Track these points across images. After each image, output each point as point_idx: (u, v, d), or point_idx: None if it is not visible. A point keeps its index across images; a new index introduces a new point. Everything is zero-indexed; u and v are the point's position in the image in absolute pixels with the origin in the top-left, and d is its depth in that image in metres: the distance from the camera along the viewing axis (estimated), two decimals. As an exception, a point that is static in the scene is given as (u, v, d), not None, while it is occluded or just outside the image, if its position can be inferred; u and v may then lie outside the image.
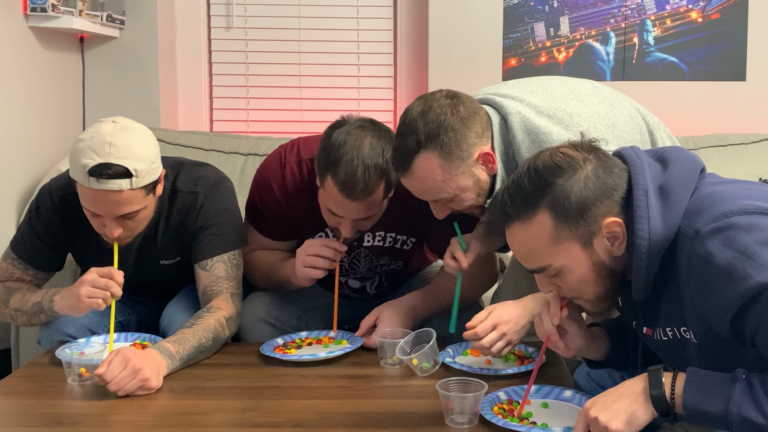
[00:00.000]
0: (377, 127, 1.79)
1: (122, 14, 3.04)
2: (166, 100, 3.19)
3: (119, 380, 1.55)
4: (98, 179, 1.66)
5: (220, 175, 2.00)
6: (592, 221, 1.27)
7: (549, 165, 1.29)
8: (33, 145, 2.71)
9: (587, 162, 1.28)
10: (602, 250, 1.29)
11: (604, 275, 1.31)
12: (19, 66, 2.61)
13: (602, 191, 1.27)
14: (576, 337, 1.47)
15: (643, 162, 1.30)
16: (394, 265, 2.09)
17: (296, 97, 3.35)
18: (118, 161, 1.66)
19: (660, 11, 3.18)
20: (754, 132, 3.04)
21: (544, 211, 1.27)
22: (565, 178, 1.27)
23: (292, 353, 1.81)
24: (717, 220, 1.17)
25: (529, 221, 1.29)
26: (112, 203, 1.70)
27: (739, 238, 1.15)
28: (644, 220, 1.24)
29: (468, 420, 1.40)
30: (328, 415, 1.48)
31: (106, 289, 1.71)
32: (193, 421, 1.46)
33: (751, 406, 1.13)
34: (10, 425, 1.48)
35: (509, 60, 3.18)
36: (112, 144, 1.66)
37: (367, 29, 3.33)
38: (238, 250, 1.95)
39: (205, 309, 1.82)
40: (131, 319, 2.07)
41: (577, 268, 1.30)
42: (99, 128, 1.70)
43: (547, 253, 1.30)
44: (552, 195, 1.27)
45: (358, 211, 1.79)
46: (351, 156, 1.71)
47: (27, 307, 1.86)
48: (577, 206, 1.26)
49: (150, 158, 1.72)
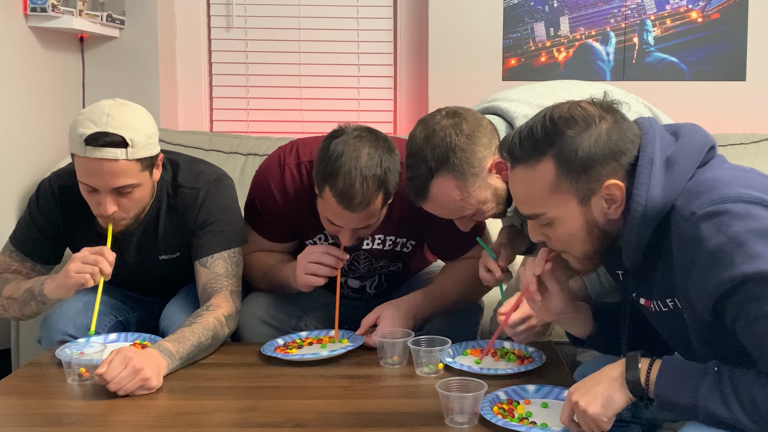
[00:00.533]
0: (375, 136, 1.78)
1: (122, 14, 3.04)
2: (166, 100, 3.19)
3: (120, 380, 1.55)
4: (94, 147, 1.68)
5: (221, 172, 2.00)
6: (594, 179, 1.27)
7: (565, 116, 1.29)
8: (33, 145, 2.71)
9: (603, 120, 1.28)
10: (598, 210, 1.30)
11: (595, 234, 1.31)
12: (19, 66, 2.62)
13: (611, 152, 1.27)
14: (556, 297, 1.46)
15: (656, 132, 1.30)
16: (394, 267, 2.09)
17: (296, 97, 3.35)
18: (115, 130, 1.69)
19: (660, 11, 3.18)
20: (754, 132, 3.04)
21: (549, 159, 1.28)
22: (576, 131, 1.27)
23: (294, 353, 1.81)
24: (713, 204, 1.18)
25: (533, 166, 1.30)
26: (107, 173, 1.71)
27: (732, 224, 1.15)
28: (644, 187, 1.24)
29: (468, 420, 1.40)
30: (328, 415, 1.48)
31: (96, 264, 1.71)
32: (192, 421, 1.46)
33: (718, 400, 1.15)
34: (10, 425, 1.48)
35: (509, 60, 3.18)
36: (110, 115, 1.70)
37: (367, 29, 3.33)
38: (239, 247, 1.95)
39: (204, 307, 1.83)
40: (131, 318, 2.07)
41: (570, 222, 1.31)
42: (99, 103, 1.76)
43: (543, 201, 1.31)
44: (560, 145, 1.27)
45: (358, 221, 1.79)
46: (349, 167, 1.71)
47: (18, 294, 1.85)
48: (582, 161, 1.26)
49: (147, 132, 1.75)
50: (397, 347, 1.74)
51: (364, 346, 1.82)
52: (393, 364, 1.74)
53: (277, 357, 1.77)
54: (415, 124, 1.72)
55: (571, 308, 1.50)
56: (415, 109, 3.32)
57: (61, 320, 1.89)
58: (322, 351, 1.81)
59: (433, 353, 1.68)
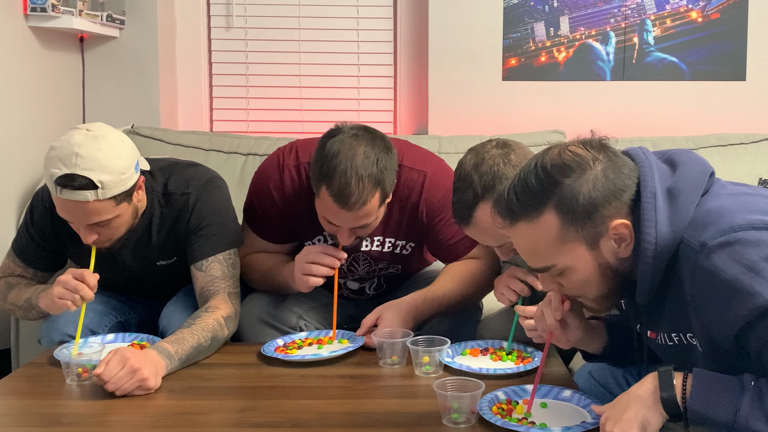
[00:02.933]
0: (372, 135, 1.78)
1: (122, 14, 3.04)
2: (166, 100, 3.19)
3: (117, 380, 1.55)
4: (62, 189, 1.67)
5: (212, 174, 1.99)
6: (600, 222, 1.25)
7: (557, 164, 1.26)
8: (33, 146, 2.71)
9: (597, 162, 1.25)
10: (608, 252, 1.27)
11: (609, 276, 1.29)
12: (19, 66, 2.61)
13: (611, 192, 1.25)
14: (576, 329, 1.47)
15: (652, 163, 1.28)
16: (393, 269, 2.09)
17: (296, 97, 3.35)
18: (83, 172, 1.66)
19: (660, 11, 3.18)
20: (754, 132, 3.03)
21: (551, 211, 1.25)
22: (573, 178, 1.24)
23: (294, 353, 1.81)
24: (724, 234, 1.16)
25: (536, 221, 1.27)
26: (80, 213, 1.72)
27: (746, 253, 1.14)
28: (651, 224, 1.22)
29: (465, 420, 1.40)
30: (328, 415, 1.48)
31: (76, 292, 1.72)
32: (192, 421, 1.46)
33: (760, 418, 1.12)
34: (10, 425, 1.48)
35: (509, 60, 3.18)
36: (79, 155, 1.67)
37: (367, 29, 3.33)
38: (234, 249, 1.95)
39: (203, 309, 1.83)
40: (131, 319, 2.07)
41: (582, 269, 1.28)
42: (70, 137, 1.70)
43: (552, 253, 1.28)
44: (559, 195, 1.24)
45: (355, 221, 1.79)
46: (344, 167, 1.71)
47: (20, 302, 1.90)
48: (584, 207, 1.24)
49: (118, 170, 1.71)
50: (396, 347, 1.74)
51: (364, 347, 1.82)
52: (392, 364, 1.74)
53: (277, 357, 1.77)
54: (467, 151, 1.74)
55: (588, 332, 1.51)
56: (415, 109, 3.32)
57: (61, 320, 1.90)
58: (322, 352, 1.81)
59: (431, 353, 1.68)
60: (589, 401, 1.47)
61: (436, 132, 3.12)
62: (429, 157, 2.02)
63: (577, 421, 1.40)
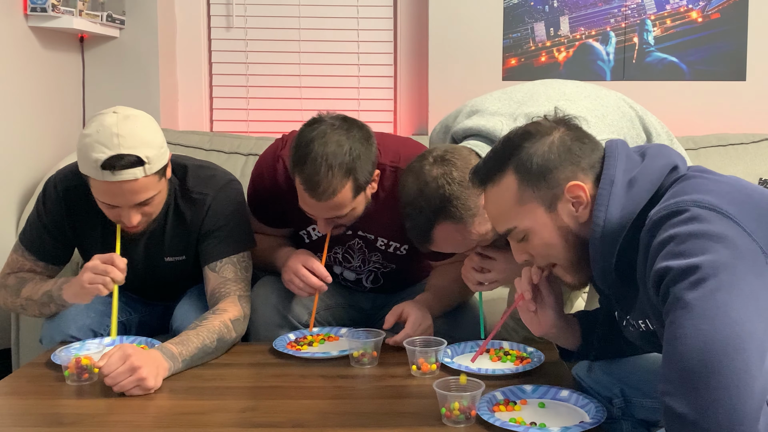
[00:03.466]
0: (349, 124, 1.78)
1: (122, 14, 3.04)
2: (166, 100, 3.19)
3: (116, 375, 1.56)
4: (113, 171, 1.67)
5: (230, 177, 2.00)
6: (555, 184, 1.31)
7: (519, 132, 1.37)
8: (33, 145, 2.71)
9: (555, 130, 1.34)
10: (566, 215, 1.32)
11: (572, 241, 1.33)
12: (19, 66, 2.62)
13: (567, 157, 1.32)
14: (550, 309, 1.48)
15: (620, 154, 1.32)
16: (388, 267, 2.09)
17: (296, 97, 3.35)
18: (129, 150, 1.67)
19: (660, 11, 3.18)
20: (754, 132, 3.04)
21: (510, 172, 1.34)
22: (531, 142, 1.33)
23: (304, 350, 1.82)
24: (668, 208, 1.19)
25: (498, 183, 1.36)
26: (129, 192, 1.71)
27: (680, 224, 1.15)
28: (603, 208, 1.27)
29: (465, 420, 1.40)
30: (328, 415, 1.48)
31: (106, 275, 1.72)
32: (193, 421, 1.46)
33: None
34: (10, 425, 1.48)
35: (509, 60, 3.18)
36: (120, 135, 1.67)
37: (367, 29, 3.33)
38: (247, 252, 1.96)
39: (211, 311, 1.83)
40: (132, 319, 2.07)
41: (542, 231, 1.33)
42: (102, 121, 1.70)
43: (513, 215, 1.34)
44: (518, 157, 1.33)
45: (327, 211, 1.79)
46: (315, 155, 1.71)
47: (37, 296, 1.87)
48: (539, 168, 1.31)
49: (158, 143, 1.74)
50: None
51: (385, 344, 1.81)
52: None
53: (289, 353, 1.79)
54: (404, 172, 1.72)
55: (563, 323, 1.51)
56: (415, 109, 3.32)
57: (62, 321, 1.90)
58: (332, 350, 1.82)
59: (429, 353, 1.68)
60: (588, 401, 1.48)
61: (436, 132, 3.12)
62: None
63: (575, 421, 1.41)
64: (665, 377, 1.10)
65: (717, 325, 1.06)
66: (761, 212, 1.16)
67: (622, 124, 1.80)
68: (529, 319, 1.51)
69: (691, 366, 1.06)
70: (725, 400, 1.03)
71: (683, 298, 1.10)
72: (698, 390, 1.05)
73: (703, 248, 1.11)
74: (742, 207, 1.16)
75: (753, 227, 1.13)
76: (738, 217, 1.14)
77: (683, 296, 1.10)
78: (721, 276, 1.09)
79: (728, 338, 1.05)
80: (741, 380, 1.04)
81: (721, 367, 1.04)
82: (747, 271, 1.10)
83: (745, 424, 1.03)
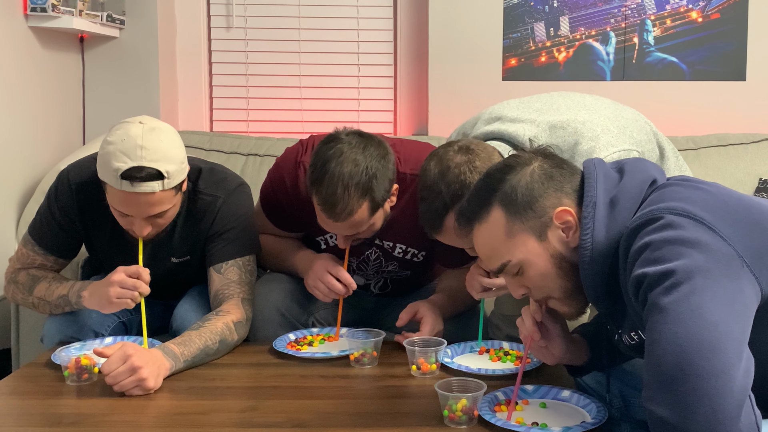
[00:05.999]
0: (366, 141, 1.76)
1: (122, 14, 3.04)
2: (166, 100, 3.19)
3: (116, 375, 1.56)
4: (132, 183, 1.67)
5: (241, 180, 2.01)
6: (542, 212, 1.31)
7: (499, 166, 1.38)
8: (33, 146, 2.71)
9: (534, 160, 1.35)
10: (557, 242, 1.32)
11: (566, 268, 1.33)
12: (19, 66, 2.61)
13: (550, 183, 1.32)
14: (558, 338, 1.48)
15: (599, 174, 1.33)
16: (402, 274, 2.08)
17: (296, 97, 3.35)
18: (151, 164, 1.67)
19: (660, 11, 3.18)
20: (754, 132, 3.04)
21: (497, 207, 1.34)
22: (513, 174, 1.34)
23: (305, 350, 1.82)
24: (644, 217, 1.20)
25: (486, 220, 1.35)
26: (144, 204, 1.71)
27: (651, 231, 1.16)
28: (589, 231, 1.27)
29: (466, 420, 1.40)
30: (328, 415, 1.48)
31: (134, 289, 1.73)
32: (193, 421, 1.46)
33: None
34: (10, 425, 1.48)
35: (509, 60, 3.18)
36: (144, 147, 1.67)
37: (367, 29, 3.33)
38: (253, 255, 1.96)
39: (214, 312, 1.83)
40: (133, 319, 2.07)
41: (536, 261, 1.32)
42: (128, 130, 1.70)
43: (504, 249, 1.34)
44: (502, 191, 1.33)
45: (345, 229, 1.79)
46: (331, 175, 1.70)
47: (52, 298, 1.87)
48: (524, 198, 1.32)
49: (179, 159, 1.74)
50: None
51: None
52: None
53: (289, 353, 1.79)
54: (427, 157, 1.73)
55: (573, 346, 1.52)
56: (415, 109, 3.32)
57: (63, 321, 1.90)
58: (332, 350, 1.83)
59: (429, 353, 1.68)
60: (588, 401, 1.48)
61: (436, 132, 3.12)
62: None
63: (577, 421, 1.41)
64: (646, 382, 1.11)
65: (691, 327, 1.07)
66: (737, 218, 1.17)
67: (640, 137, 1.81)
68: (542, 354, 1.51)
69: (668, 369, 1.07)
70: (704, 401, 1.04)
71: (659, 303, 1.11)
72: (676, 393, 1.06)
73: (678, 254, 1.12)
74: (716, 213, 1.16)
75: (728, 232, 1.14)
76: (712, 223, 1.15)
77: (659, 301, 1.11)
78: (695, 280, 1.10)
79: (703, 340, 1.06)
80: (719, 381, 1.04)
81: (698, 369, 1.05)
82: (722, 275, 1.11)
83: (726, 423, 1.03)
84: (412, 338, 1.73)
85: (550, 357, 1.51)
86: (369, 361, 1.74)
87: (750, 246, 1.14)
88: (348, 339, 1.77)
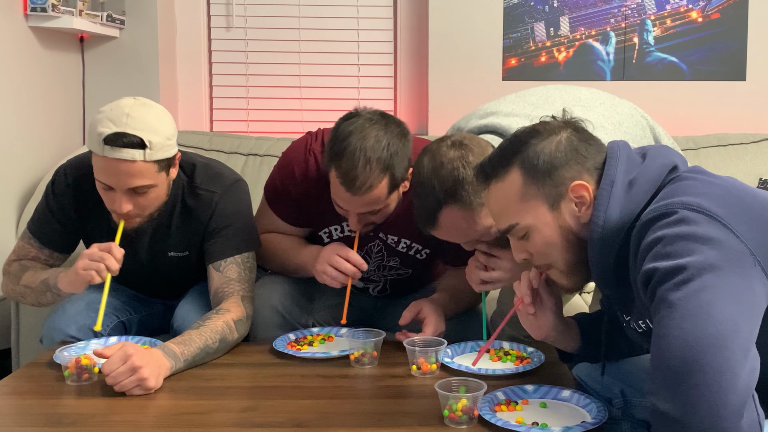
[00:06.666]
0: (387, 120, 1.77)
1: (122, 14, 3.04)
2: (166, 100, 3.19)
3: (116, 375, 1.56)
4: (112, 147, 1.68)
5: (238, 176, 2.00)
6: (559, 182, 1.31)
7: (527, 129, 1.38)
8: (33, 145, 2.71)
9: (563, 130, 1.35)
10: (569, 214, 1.32)
11: (572, 242, 1.33)
12: (19, 66, 2.62)
13: (573, 156, 1.32)
14: (549, 312, 1.48)
15: (622, 155, 1.33)
16: (403, 272, 2.08)
17: (296, 96, 3.35)
18: (134, 131, 1.68)
19: (660, 11, 3.18)
20: (754, 132, 3.04)
21: (516, 168, 1.34)
22: (539, 140, 1.34)
23: (305, 350, 1.82)
24: (658, 210, 1.19)
25: (503, 178, 1.36)
26: (124, 174, 1.71)
27: (665, 226, 1.16)
28: (603, 208, 1.28)
29: (466, 420, 1.40)
30: (328, 415, 1.48)
31: (101, 261, 1.71)
32: (193, 421, 1.46)
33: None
34: (10, 425, 1.48)
35: (509, 60, 3.18)
36: (130, 115, 1.70)
37: (367, 29, 3.33)
38: (252, 252, 1.95)
39: (214, 311, 1.83)
40: (133, 319, 2.07)
41: (544, 229, 1.33)
42: (119, 102, 1.74)
43: (515, 211, 1.34)
44: (524, 154, 1.34)
45: (362, 206, 1.78)
46: (353, 148, 1.70)
47: (35, 284, 1.87)
48: (545, 165, 1.32)
49: (165, 134, 1.74)
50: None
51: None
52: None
53: (289, 353, 1.79)
54: (420, 152, 1.72)
55: (562, 326, 1.51)
56: (415, 108, 3.32)
57: (63, 320, 1.89)
58: (332, 350, 1.83)
59: (429, 353, 1.68)
60: (589, 401, 1.48)
61: (436, 132, 3.11)
62: None
63: (577, 421, 1.40)
64: (651, 376, 1.11)
65: (699, 323, 1.08)
66: (752, 214, 1.17)
67: (636, 132, 1.81)
68: (529, 322, 1.51)
69: (674, 364, 1.08)
70: (707, 397, 1.04)
71: (668, 298, 1.11)
72: (680, 387, 1.06)
73: (690, 250, 1.12)
74: (731, 209, 1.16)
75: (742, 229, 1.14)
76: (727, 219, 1.14)
77: (668, 296, 1.11)
78: (705, 276, 1.10)
79: (710, 336, 1.06)
80: (723, 377, 1.04)
81: (703, 365, 1.05)
82: (733, 273, 1.11)
83: (729, 420, 1.04)
84: (412, 338, 1.73)
85: (536, 329, 1.51)
86: (369, 361, 1.74)
87: (764, 244, 1.14)
88: (348, 339, 1.77)
